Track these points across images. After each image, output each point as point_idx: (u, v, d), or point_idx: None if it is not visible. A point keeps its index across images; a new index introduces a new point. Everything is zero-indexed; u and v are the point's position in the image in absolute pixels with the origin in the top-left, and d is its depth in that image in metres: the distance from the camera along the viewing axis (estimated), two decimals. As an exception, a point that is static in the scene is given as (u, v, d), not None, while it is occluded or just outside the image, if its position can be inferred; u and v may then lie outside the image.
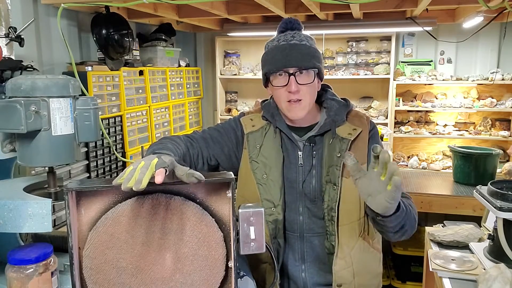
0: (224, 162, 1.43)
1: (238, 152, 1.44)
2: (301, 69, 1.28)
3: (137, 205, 0.96)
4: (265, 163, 1.37)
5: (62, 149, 1.18)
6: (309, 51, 1.30)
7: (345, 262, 1.32)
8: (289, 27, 1.36)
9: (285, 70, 1.29)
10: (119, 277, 0.96)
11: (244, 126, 1.44)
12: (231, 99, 4.18)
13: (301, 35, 1.33)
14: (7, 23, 1.71)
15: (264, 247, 1.03)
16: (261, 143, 1.40)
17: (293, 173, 1.37)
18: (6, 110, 1.09)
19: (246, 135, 1.42)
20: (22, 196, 1.12)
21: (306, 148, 1.36)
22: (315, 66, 1.30)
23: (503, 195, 1.58)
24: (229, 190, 0.99)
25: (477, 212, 2.76)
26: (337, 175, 1.30)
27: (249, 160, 1.39)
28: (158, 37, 3.20)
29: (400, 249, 3.31)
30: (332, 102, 1.40)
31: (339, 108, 1.39)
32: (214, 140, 1.43)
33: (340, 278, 1.33)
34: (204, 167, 1.40)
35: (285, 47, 1.30)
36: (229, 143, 1.43)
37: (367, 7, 2.80)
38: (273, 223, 1.35)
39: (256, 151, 1.39)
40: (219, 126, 1.48)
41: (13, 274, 1.07)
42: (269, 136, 1.40)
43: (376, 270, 1.42)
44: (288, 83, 1.28)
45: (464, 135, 3.56)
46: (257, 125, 1.43)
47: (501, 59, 3.59)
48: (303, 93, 1.30)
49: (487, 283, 1.40)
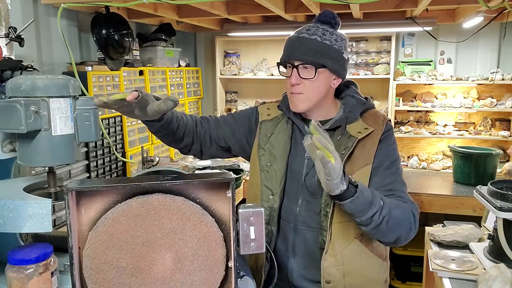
0: (235, 145, 1.48)
1: (250, 138, 1.48)
2: (304, 63, 1.29)
3: (137, 205, 0.96)
4: (271, 152, 1.40)
5: (62, 149, 1.18)
6: (315, 45, 1.29)
7: (335, 260, 1.32)
8: (321, 19, 1.35)
9: (291, 62, 1.30)
10: (119, 277, 0.96)
11: (260, 114, 1.48)
12: (231, 99, 4.18)
13: (318, 29, 1.31)
14: (7, 23, 1.71)
15: (264, 247, 1.03)
16: (271, 132, 1.43)
17: (298, 165, 1.38)
18: (6, 110, 1.09)
19: (260, 123, 1.46)
20: (22, 196, 1.12)
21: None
22: (317, 63, 1.28)
23: (503, 195, 1.58)
24: (229, 190, 0.99)
25: (477, 212, 2.76)
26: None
27: (257, 146, 1.43)
28: (158, 37, 3.19)
29: (400, 249, 3.31)
30: (351, 98, 1.41)
31: (355, 105, 1.39)
32: (226, 123, 1.49)
33: (329, 275, 1.33)
34: (212, 146, 1.47)
35: (297, 39, 1.31)
36: (242, 128, 1.48)
37: (367, 7, 2.80)
38: (268, 209, 1.37)
39: (265, 139, 1.43)
40: (235, 113, 1.54)
41: (13, 274, 1.07)
42: (280, 126, 1.43)
43: (374, 276, 1.40)
44: (291, 74, 1.31)
45: (464, 135, 3.56)
46: (272, 115, 1.46)
47: (501, 59, 3.59)
48: (305, 87, 1.30)
49: (487, 283, 1.40)
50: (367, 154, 1.32)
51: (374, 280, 1.41)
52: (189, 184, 0.99)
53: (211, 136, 1.45)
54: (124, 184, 0.97)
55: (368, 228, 1.22)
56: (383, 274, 1.44)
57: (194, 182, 0.99)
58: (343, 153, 1.30)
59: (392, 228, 1.23)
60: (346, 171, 1.29)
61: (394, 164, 1.34)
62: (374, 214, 1.18)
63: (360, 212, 1.18)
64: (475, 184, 1.97)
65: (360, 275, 1.36)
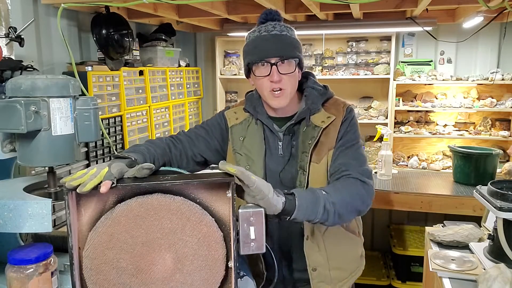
0: (211, 157, 1.50)
1: (224, 145, 1.50)
2: (282, 59, 1.31)
3: (137, 205, 0.96)
4: (248, 155, 1.42)
5: (62, 149, 1.18)
6: (290, 41, 1.34)
7: (317, 246, 1.38)
8: (269, 18, 1.39)
9: (267, 60, 1.32)
10: (119, 278, 0.96)
11: (228, 119, 1.49)
12: (231, 99, 4.18)
13: (281, 26, 1.36)
14: (7, 23, 1.71)
15: (264, 247, 1.03)
16: (244, 135, 1.45)
17: (274, 163, 1.41)
18: (6, 110, 1.09)
19: (230, 128, 1.47)
20: (22, 196, 1.12)
21: (286, 138, 1.41)
22: (296, 56, 1.34)
23: (503, 195, 1.58)
24: (229, 190, 0.99)
25: (477, 212, 2.76)
26: (306, 161, 1.35)
27: (233, 152, 1.45)
28: (158, 37, 3.19)
29: (400, 249, 3.31)
30: (312, 90, 1.44)
31: (316, 96, 1.42)
32: (199, 138, 1.49)
33: (313, 262, 1.38)
34: (189, 164, 1.47)
35: (267, 37, 1.33)
36: (215, 138, 1.49)
37: (367, 7, 2.80)
38: None
39: (239, 143, 1.45)
40: (204, 123, 1.54)
41: (13, 274, 1.07)
42: (251, 128, 1.45)
43: (353, 253, 1.47)
44: (270, 73, 1.31)
45: (464, 135, 3.56)
46: (240, 118, 1.48)
47: (501, 59, 3.59)
48: (285, 82, 1.33)
49: (487, 283, 1.40)
50: (330, 140, 1.37)
51: (353, 258, 1.48)
52: (188, 184, 1.00)
53: (187, 155, 1.46)
54: (124, 184, 0.97)
55: (329, 222, 1.20)
56: (359, 250, 1.52)
57: (194, 182, 0.99)
58: (309, 143, 1.35)
59: (347, 207, 1.23)
60: (314, 159, 1.35)
61: (349, 142, 1.37)
62: (325, 205, 1.16)
63: (312, 212, 1.15)
64: (475, 184, 1.97)
65: (342, 256, 1.43)
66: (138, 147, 1.32)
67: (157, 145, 1.39)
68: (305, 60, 3.76)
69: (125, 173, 1.01)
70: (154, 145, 1.38)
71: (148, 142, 1.39)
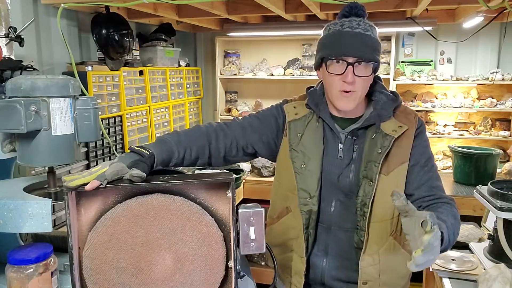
0: (262, 149, 1.43)
1: (277, 139, 1.43)
2: (360, 61, 1.23)
3: (137, 205, 0.96)
4: (305, 153, 1.35)
5: (62, 149, 1.18)
6: (372, 42, 1.25)
7: (373, 259, 1.31)
8: (354, 12, 1.29)
9: (344, 59, 1.23)
10: (119, 278, 0.96)
11: (287, 113, 1.41)
12: (231, 99, 4.17)
13: (366, 24, 1.27)
14: (7, 23, 1.71)
15: (264, 247, 1.03)
16: (302, 132, 1.37)
17: (331, 165, 1.33)
18: (6, 110, 1.09)
19: (288, 123, 1.39)
20: (22, 196, 1.12)
21: (348, 141, 1.33)
22: (375, 60, 1.25)
23: (503, 195, 1.58)
24: (229, 190, 0.99)
25: (477, 212, 2.76)
26: (375, 171, 1.27)
27: (289, 148, 1.37)
28: (158, 37, 3.19)
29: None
30: (380, 95, 1.35)
31: (386, 102, 1.34)
32: (253, 128, 1.41)
33: (366, 275, 1.31)
34: (238, 154, 1.41)
35: (350, 34, 1.24)
36: (268, 131, 1.42)
37: (367, 7, 2.77)
38: (307, 213, 1.33)
39: (296, 140, 1.37)
40: (260, 114, 1.46)
41: (13, 274, 1.07)
42: (311, 125, 1.37)
43: (404, 271, 1.39)
44: (344, 72, 1.23)
45: (464, 135, 3.56)
46: (300, 113, 1.40)
47: (501, 59, 3.59)
48: (357, 85, 1.25)
49: (487, 283, 1.40)
50: (403, 152, 1.30)
51: (403, 275, 1.41)
52: (189, 184, 1.00)
53: (238, 145, 1.39)
54: (124, 184, 0.97)
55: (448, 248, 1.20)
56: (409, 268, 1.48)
57: (194, 182, 0.99)
58: (379, 153, 1.27)
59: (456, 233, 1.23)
60: (383, 170, 1.27)
61: (429, 161, 1.34)
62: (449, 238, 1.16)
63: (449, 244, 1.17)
64: (475, 184, 1.97)
65: (393, 272, 1.35)
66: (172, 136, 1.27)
67: (196, 135, 1.33)
68: (305, 60, 3.75)
69: (125, 174, 1.01)
70: (193, 135, 1.32)
71: (188, 131, 1.33)
